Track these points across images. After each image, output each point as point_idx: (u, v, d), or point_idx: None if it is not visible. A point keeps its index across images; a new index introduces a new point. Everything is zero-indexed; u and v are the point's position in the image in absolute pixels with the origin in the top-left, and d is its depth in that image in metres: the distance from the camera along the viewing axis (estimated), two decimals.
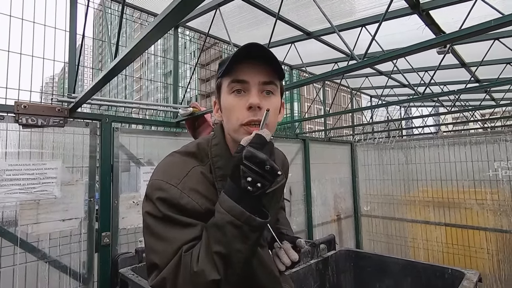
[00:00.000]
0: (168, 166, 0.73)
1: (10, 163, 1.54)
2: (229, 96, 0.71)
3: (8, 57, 1.61)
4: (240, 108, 0.70)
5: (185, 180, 0.69)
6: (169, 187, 0.67)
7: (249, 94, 0.70)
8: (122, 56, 0.93)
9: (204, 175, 0.72)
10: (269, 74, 0.70)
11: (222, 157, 0.74)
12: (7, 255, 1.52)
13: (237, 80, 0.70)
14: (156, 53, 19.72)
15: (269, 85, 0.71)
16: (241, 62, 0.69)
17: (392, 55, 1.13)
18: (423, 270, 1.64)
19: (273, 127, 0.75)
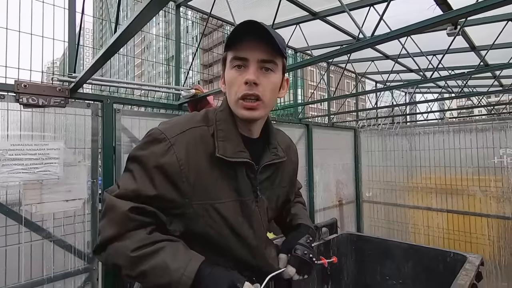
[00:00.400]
0: (173, 120, 0.80)
1: (12, 143, 1.53)
2: (231, 70, 0.75)
3: (7, 35, 1.57)
4: (238, 82, 0.74)
5: (179, 135, 0.73)
6: (162, 138, 0.73)
7: (248, 70, 0.73)
8: (122, 29, 0.90)
9: (201, 138, 0.76)
10: (270, 52, 0.73)
11: (225, 121, 0.78)
12: (12, 233, 1.53)
13: (238, 57, 0.73)
14: (158, 38, 19.47)
15: (268, 63, 0.74)
16: (244, 39, 0.71)
17: (401, 32, 1.09)
18: (425, 254, 1.64)
19: (271, 102, 0.79)
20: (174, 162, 0.71)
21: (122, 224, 0.68)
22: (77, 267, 1.72)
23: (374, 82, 4.64)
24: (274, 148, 0.86)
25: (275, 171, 0.89)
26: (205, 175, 0.74)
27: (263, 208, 0.85)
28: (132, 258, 0.66)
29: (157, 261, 0.65)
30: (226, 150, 0.75)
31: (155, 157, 0.71)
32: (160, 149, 0.71)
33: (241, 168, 0.78)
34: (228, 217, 0.76)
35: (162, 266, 0.65)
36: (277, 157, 0.86)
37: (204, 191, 0.73)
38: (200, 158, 0.74)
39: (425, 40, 2.64)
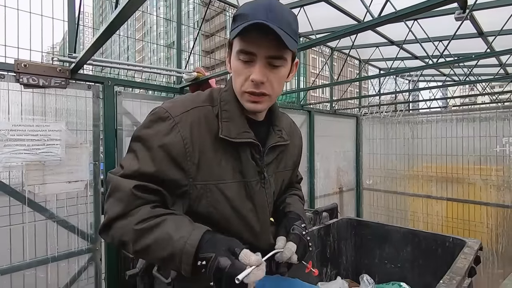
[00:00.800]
0: (178, 99, 0.79)
1: (13, 123, 1.53)
2: (237, 61, 0.72)
3: (5, 13, 1.54)
4: (244, 75, 0.71)
5: (184, 114, 0.72)
6: (167, 116, 0.71)
7: (255, 66, 0.69)
8: (123, 4, 0.87)
9: (205, 117, 0.75)
10: (279, 47, 0.67)
11: (229, 102, 0.77)
12: (16, 213, 1.55)
13: (244, 51, 0.69)
14: (158, 23, 19.16)
15: (277, 59, 0.70)
16: (252, 29, 0.65)
17: (408, 11, 1.06)
18: (423, 238, 1.66)
19: (277, 94, 0.77)
20: (179, 141, 0.70)
21: (127, 202, 0.68)
22: (80, 247, 1.75)
23: (378, 69, 4.57)
24: (279, 131, 0.85)
25: (280, 154, 0.88)
26: (209, 155, 0.73)
27: (269, 190, 0.85)
28: (136, 231, 0.66)
29: (160, 233, 0.65)
30: (230, 131, 0.74)
31: (160, 136, 0.70)
32: (165, 127, 0.70)
33: (246, 149, 0.77)
34: (231, 198, 0.76)
35: (165, 238, 0.64)
36: (282, 139, 0.85)
37: (208, 171, 0.73)
38: (205, 138, 0.73)
39: (432, 25, 2.58)
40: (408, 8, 1.14)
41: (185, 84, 2.05)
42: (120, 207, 0.68)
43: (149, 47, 29.71)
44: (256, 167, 0.79)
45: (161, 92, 2.17)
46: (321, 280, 1.74)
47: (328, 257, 1.83)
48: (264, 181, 0.82)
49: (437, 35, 2.85)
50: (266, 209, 0.84)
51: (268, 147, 0.81)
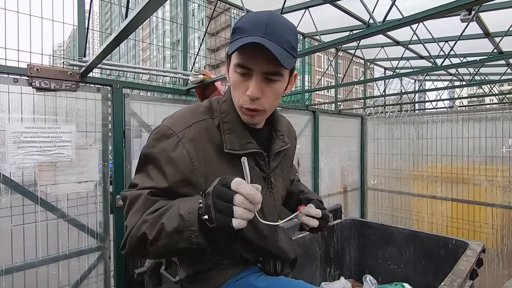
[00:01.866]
0: (178, 115, 0.80)
1: (26, 126, 1.58)
2: (235, 74, 0.72)
3: (18, 19, 1.59)
4: (241, 89, 0.72)
5: (186, 130, 0.74)
6: (170, 134, 0.73)
7: (251, 80, 0.70)
8: (134, 14, 0.91)
9: (207, 131, 0.76)
10: (275, 63, 0.67)
11: (229, 113, 0.78)
12: (30, 212, 1.61)
13: (241, 65, 0.70)
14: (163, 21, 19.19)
15: (273, 76, 0.70)
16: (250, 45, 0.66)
17: (414, 18, 1.07)
18: (426, 240, 1.67)
19: (273, 108, 0.79)
20: (185, 156, 0.71)
21: (145, 208, 0.69)
22: (90, 245, 1.81)
23: (383, 69, 4.56)
24: (281, 135, 0.88)
25: (283, 157, 0.91)
26: (216, 167, 0.75)
27: (278, 195, 0.88)
28: (151, 219, 0.67)
29: (171, 210, 0.66)
30: (234, 144, 0.75)
31: (166, 152, 0.72)
32: (170, 144, 0.72)
33: (250, 158, 0.78)
34: None
35: (174, 210, 0.65)
36: (285, 143, 0.88)
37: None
38: (209, 150, 0.75)
39: (437, 26, 2.57)
40: (413, 16, 1.15)
41: (191, 86, 2.09)
42: (139, 215, 0.69)
43: (153, 46, 29.84)
44: (262, 173, 0.82)
45: (168, 94, 2.21)
46: (325, 280, 1.77)
47: (331, 257, 1.86)
48: (272, 186, 0.85)
49: (443, 36, 2.84)
50: (275, 213, 0.87)
51: (273, 153, 0.84)
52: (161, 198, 0.72)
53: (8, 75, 1.53)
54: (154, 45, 30.71)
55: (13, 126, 1.54)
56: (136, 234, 0.68)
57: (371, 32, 1.18)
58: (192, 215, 0.62)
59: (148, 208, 0.70)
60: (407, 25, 1.13)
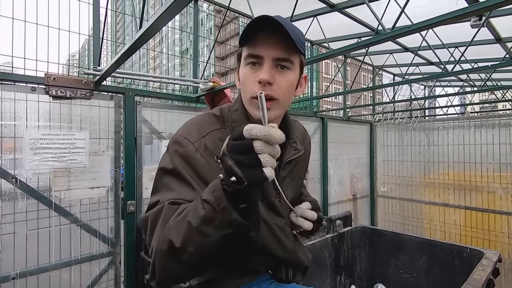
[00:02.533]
0: (190, 125, 0.78)
1: (42, 133, 1.63)
2: (245, 68, 0.73)
3: (37, 30, 1.65)
4: (252, 81, 0.72)
5: (201, 140, 0.73)
6: (186, 142, 0.72)
7: (262, 68, 0.70)
8: (148, 25, 0.94)
9: (221, 140, 0.74)
10: (286, 49, 0.69)
11: (240, 122, 0.77)
12: (44, 217, 1.64)
13: (252, 54, 0.70)
14: (173, 30, 19.59)
15: (284, 61, 0.71)
16: (259, 34, 0.68)
17: (423, 25, 1.08)
18: (440, 249, 1.64)
19: (287, 102, 0.76)
20: (204, 163, 0.70)
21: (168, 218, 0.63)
22: (101, 250, 1.83)
23: (392, 75, 4.54)
24: (294, 143, 0.87)
25: (296, 165, 0.90)
26: None
27: (286, 204, 0.87)
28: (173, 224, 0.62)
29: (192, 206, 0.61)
30: None
31: (185, 161, 0.70)
32: (187, 153, 0.71)
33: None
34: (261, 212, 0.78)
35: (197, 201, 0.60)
36: (297, 151, 0.86)
37: None
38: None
39: (447, 32, 2.56)
40: (422, 22, 1.15)
41: (201, 93, 2.12)
42: (162, 229, 0.62)
43: (163, 55, 30.42)
44: (272, 184, 0.80)
45: (178, 101, 2.24)
46: None
47: (342, 265, 1.83)
48: (280, 197, 0.84)
49: (452, 42, 2.82)
50: (287, 222, 0.87)
51: (284, 162, 0.82)
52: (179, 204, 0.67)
53: (26, 84, 1.58)
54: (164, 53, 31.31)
55: (30, 133, 1.59)
56: (163, 248, 0.60)
57: (380, 39, 1.19)
58: (216, 193, 0.57)
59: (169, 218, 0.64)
60: (417, 31, 1.13)
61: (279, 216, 0.83)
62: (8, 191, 1.56)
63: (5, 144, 1.54)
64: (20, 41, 1.58)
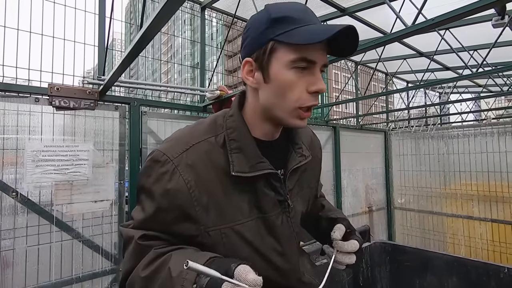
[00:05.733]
0: (176, 137, 0.70)
1: (45, 145, 1.58)
2: (289, 71, 0.62)
3: (42, 40, 1.64)
4: (300, 88, 0.63)
5: (183, 155, 0.64)
6: (165, 160, 0.64)
7: (312, 75, 0.63)
8: (145, 27, 0.88)
9: (207, 153, 0.66)
10: (326, 54, 0.66)
11: (237, 129, 0.68)
12: (44, 232, 1.58)
13: (306, 59, 0.61)
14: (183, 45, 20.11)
15: (325, 67, 0.67)
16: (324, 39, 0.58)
17: (442, 19, 0.97)
18: (472, 268, 1.47)
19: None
20: (182, 186, 0.62)
21: (137, 254, 0.64)
22: (104, 267, 1.74)
23: (406, 82, 4.40)
24: (299, 149, 0.77)
25: (303, 173, 0.79)
26: (219, 195, 0.65)
27: (296, 219, 0.76)
28: (142, 279, 0.61)
29: (163, 274, 0.58)
30: (242, 165, 0.65)
31: (161, 183, 0.63)
32: (165, 172, 0.63)
33: (262, 181, 0.68)
34: (250, 239, 0.67)
35: (167, 277, 0.57)
36: (304, 157, 0.76)
37: (219, 213, 0.65)
38: (210, 176, 0.65)
39: (465, 34, 2.44)
40: (441, 16, 1.05)
41: (208, 102, 2.06)
42: (131, 261, 0.64)
43: (175, 69, 31.21)
44: (277, 197, 0.70)
45: (185, 111, 2.19)
46: None
47: (360, 285, 1.68)
48: (289, 210, 0.73)
49: (472, 44, 2.69)
50: (294, 242, 0.75)
51: (289, 170, 0.73)
52: (154, 241, 0.64)
53: (30, 95, 1.55)
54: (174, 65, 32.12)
55: (32, 144, 1.55)
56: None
57: (394, 37, 1.09)
58: None
59: (139, 254, 0.63)
60: (434, 27, 1.03)
61: (276, 238, 0.71)
62: (8, 205, 1.50)
63: (6, 157, 1.50)
64: (25, 52, 1.56)
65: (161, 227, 0.64)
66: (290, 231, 0.73)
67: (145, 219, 0.64)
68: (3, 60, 1.48)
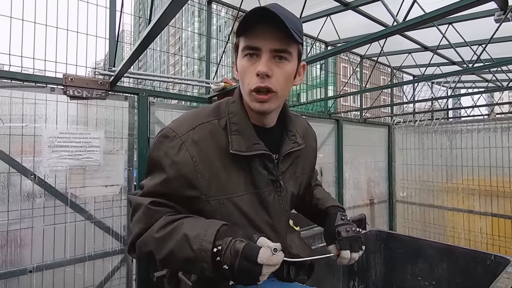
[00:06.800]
0: (184, 117, 0.80)
1: (60, 131, 1.69)
2: (243, 59, 0.72)
3: (57, 33, 1.73)
4: (250, 73, 0.71)
5: (189, 132, 0.73)
6: (174, 136, 0.73)
7: (260, 60, 0.70)
8: (154, 21, 0.95)
9: (211, 133, 0.75)
10: (283, 40, 0.69)
11: (237, 114, 0.77)
12: (60, 213, 1.70)
13: (249, 46, 0.70)
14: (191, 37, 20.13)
15: (281, 53, 0.70)
16: (256, 25, 0.68)
17: (437, 13, 1.02)
18: (461, 255, 1.54)
19: (285, 93, 0.76)
20: (188, 160, 0.71)
21: (147, 218, 0.71)
22: (114, 248, 1.86)
23: (412, 76, 4.39)
24: (292, 136, 0.84)
25: (296, 159, 0.87)
26: (219, 170, 0.74)
27: (286, 198, 0.85)
28: (156, 240, 0.68)
29: (178, 236, 0.66)
30: (240, 145, 0.74)
31: (169, 156, 0.72)
32: (173, 147, 0.72)
33: (257, 160, 0.76)
34: (244, 210, 0.76)
35: (183, 239, 0.65)
36: (297, 144, 0.84)
37: (219, 186, 0.74)
38: (213, 153, 0.74)
39: (469, 29, 2.45)
40: (436, 11, 1.10)
41: (213, 94, 2.13)
42: (141, 224, 0.72)
43: (182, 61, 31.28)
44: (269, 176, 0.79)
45: (191, 102, 2.27)
46: None
47: (355, 270, 1.76)
48: (280, 189, 0.81)
49: (476, 39, 2.69)
50: (283, 217, 0.84)
51: (282, 154, 0.81)
52: (163, 207, 0.72)
53: (46, 85, 1.65)
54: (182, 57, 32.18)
55: (49, 131, 1.65)
56: (144, 250, 0.71)
57: (394, 30, 1.14)
58: (204, 254, 0.63)
59: (149, 218, 0.71)
60: (430, 21, 1.08)
61: (267, 212, 0.80)
62: (27, 187, 1.62)
63: (25, 143, 1.61)
64: (41, 44, 1.66)
65: (168, 194, 0.72)
66: (280, 207, 0.82)
67: (155, 185, 0.73)
68: (21, 52, 1.58)
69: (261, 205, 0.79)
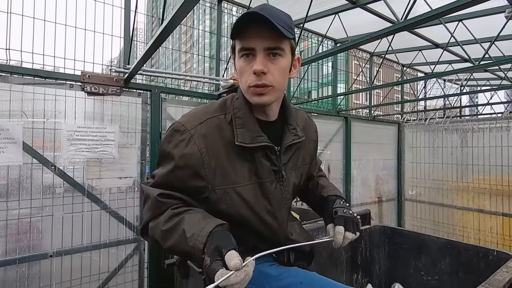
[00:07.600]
0: (193, 112, 0.87)
1: (78, 126, 1.79)
2: (240, 60, 0.79)
3: (76, 33, 1.83)
4: (247, 72, 0.77)
5: (198, 127, 0.80)
6: (184, 130, 0.79)
7: (255, 59, 0.76)
8: (167, 21, 1.02)
9: (218, 127, 0.82)
10: (275, 38, 0.75)
11: (241, 109, 0.83)
12: (77, 203, 1.80)
13: (244, 48, 0.76)
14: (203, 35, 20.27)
15: (274, 50, 0.76)
16: (248, 27, 0.74)
17: (445, 9, 1.03)
18: (464, 250, 1.56)
19: (282, 86, 0.82)
20: (196, 152, 0.77)
21: (155, 208, 0.78)
22: (127, 236, 1.96)
23: (423, 74, 4.34)
24: (293, 129, 0.89)
25: (297, 151, 0.93)
26: (225, 162, 0.80)
27: (288, 187, 0.90)
28: (162, 232, 0.75)
29: (179, 232, 0.72)
30: (245, 137, 0.79)
31: (179, 148, 0.78)
32: (183, 140, 0.78)
33: (260, 152, 0.82)
34: (247, 199, 0.81)
35: (182, 235, 0.71)
36: (297, 137, 0.90)
37: (224, 176, 0.79)
38: (218, 146, 0.80)
39: (480, 26, 2.42)
40: (444, 7, 1.11)
41: (222, 91, 2.20)
42: (150, 212, 0.79)
43: (194, 58, 31.57)
44: (272, 167, 0.84)
45: (201, 99, 2.34)
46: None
47: (359, 264, 1.80)
48: (282, 180, 0.87)
49: (486, 36, 2.65)
50: (284, 206, 0.89)
51: (284, 146, 0.86)
52: (170, 199, 0.78)
53: (65, 82, 1.76)
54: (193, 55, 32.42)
55: (68, 126, 1.76)
56: (154, 238, 0.79)
57: (401, 26, 1.17)
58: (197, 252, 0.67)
59: (156, 208, 0.78)
60: (436, 18, 1.10)
61: (269, 201, 0.85)
62: (48, 178, 1.73)
63: (46, 137, 1.72)
64: (61, 42, 1.75)
65: (176, 182, 0.79)
66: (281, 196, 0.88)
67: (165, 174, 0.79)
68: (43, 51, 1.68)
69: (263, 194, 0.84)
